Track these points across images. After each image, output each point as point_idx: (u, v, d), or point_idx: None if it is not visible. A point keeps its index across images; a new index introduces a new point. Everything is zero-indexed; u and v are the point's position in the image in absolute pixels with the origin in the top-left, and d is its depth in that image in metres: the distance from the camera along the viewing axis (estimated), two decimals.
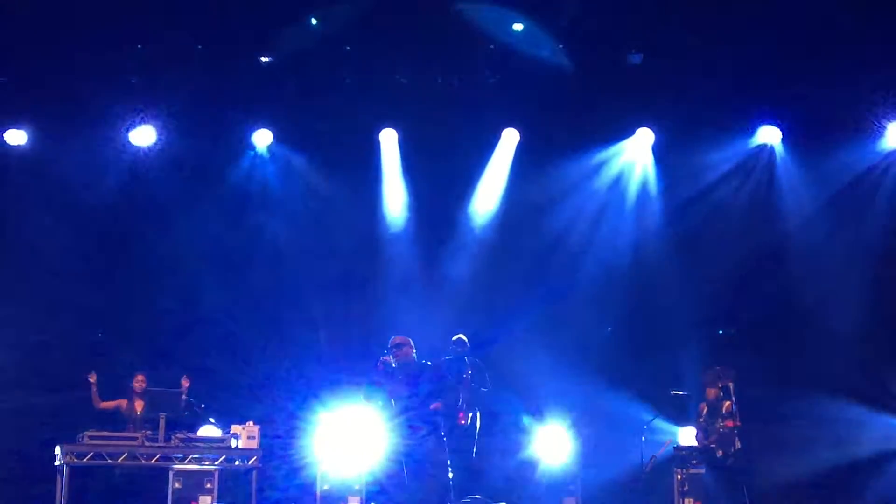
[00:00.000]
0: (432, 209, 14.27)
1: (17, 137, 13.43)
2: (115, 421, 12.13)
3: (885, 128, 13.57)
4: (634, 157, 14.17)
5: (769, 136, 13.85)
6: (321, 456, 12.80)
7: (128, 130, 13.48)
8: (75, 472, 11.28)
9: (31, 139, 13.44)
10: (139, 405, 12.20)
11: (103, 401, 12.16)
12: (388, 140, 13.99)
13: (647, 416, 12.33)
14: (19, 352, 12.96)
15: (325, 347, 13.79)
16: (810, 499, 12.98)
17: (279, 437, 12.78)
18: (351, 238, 14.11)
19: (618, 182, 14.25)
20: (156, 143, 13.59)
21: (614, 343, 13.80)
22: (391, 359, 10.37)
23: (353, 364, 13.28)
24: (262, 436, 11.95)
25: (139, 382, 12.19)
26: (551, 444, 13.35)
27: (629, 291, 14.05)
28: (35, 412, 12.66)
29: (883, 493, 12.69)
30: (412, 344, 10.60)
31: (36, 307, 13.19)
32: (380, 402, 10.46)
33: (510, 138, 13.97)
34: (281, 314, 13.95)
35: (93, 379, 12.09)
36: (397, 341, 10.51)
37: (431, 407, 10.32)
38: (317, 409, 13.12)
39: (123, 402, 12.19)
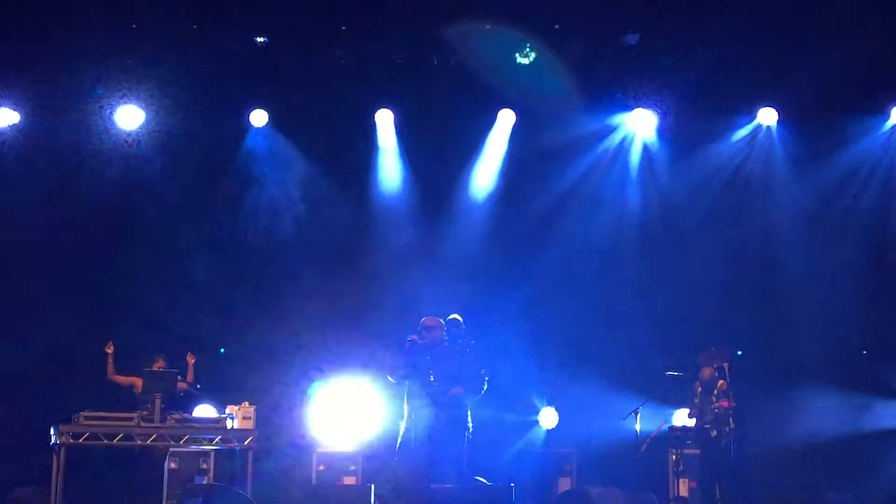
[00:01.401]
0: (428, 189, 14.26)
1: (9, 117, 13.39)
2: (113, 401, 12.16)
3: (885, 105, 13.56)
4: (632, 137, 14.13)
5: (766, 117, 13.82)
6: (318, 434, 12.91)
7: (121, 111, 13.45)
8: (72, 451, 11.31)
9: (24, 120, 13.39)
10: None
11: (118, 374, 12.18)
12: (385, 120, 13.96)
13: (634, 404, 12.31)
14: (15, 334, 12.94)
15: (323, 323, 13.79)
16: (804, 477, 13.03)
17: (276, 414, 12.79)
18: (348, 219, 14.11)
19: (614, 163, 14.22)
20: (150, 124, 13.55)
21: (611, 322, 13.79)
22: (417, 338, 10.36)
23: (351, 339, 13.39)
24: (259, 413, 11.99)
25: (159, 366, 12.20)
26: (546, 424, 13.42)
27: (625, 271, 14.06)
28: (32, 392, 12.67)
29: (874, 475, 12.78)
30: (443, 326, 10.60)
31: (33, 288, 13.25)
32: (404, 381, 10.45)
33: (506, 118, 13.93)
34: (279, 290, 13.93)
35: (109, 350, 12.12)
36: (428, 323, 10.52)
37: (451, 392, 10.32)
38: (314, 385, 13.20)
39: (138, 381, 12.17)
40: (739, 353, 12.94)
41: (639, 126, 14.01)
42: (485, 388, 10.72)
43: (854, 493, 12.52)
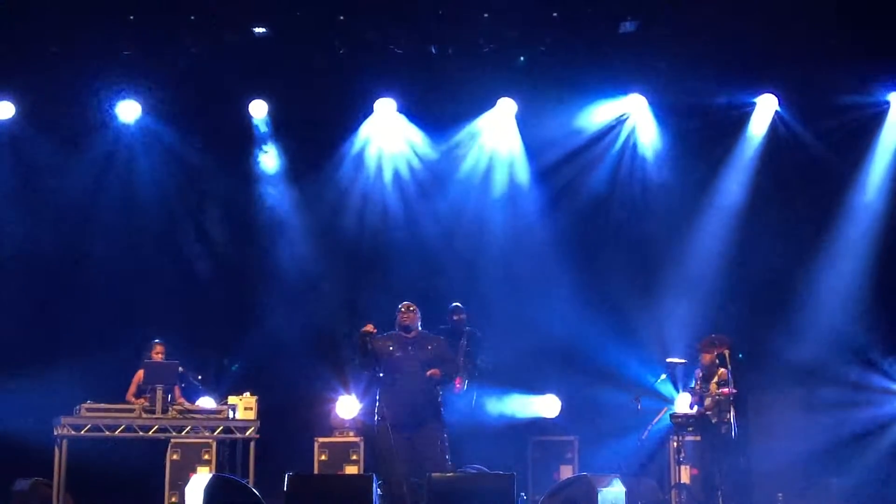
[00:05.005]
0: (428, 178, 14.26)
1: (4, 110, 13.40)
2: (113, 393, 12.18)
3: (884, 92, 13.54)
4: (630, 123, 14.12)
5: (766, 103, 13.80)
6: (320, 424, 12.96)
7: (118, 104, 13.46)
8: (74, 443, 11.34)
9: (20, 113, 13.40)
10: None
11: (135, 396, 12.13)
12: (385, 109, 13.94)
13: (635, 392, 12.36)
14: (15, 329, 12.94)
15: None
16: (806, 464, 13.06)
17: (278, 405, 12.80)
18: (352, 208, 14.14)
19: (612, 147, 14.21)
20: (147, 116, 13.57)
21: (611, 308, 13.79)
22: (372, 327, 10.38)
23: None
24: (261, 405, 12.00)
25: (158, 354, 12.17)
26: (548, 413, 13.43)
27: (624, 259, 14.07)
28: (32, 384, 12.67)
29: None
30: (418, 312, 10.66)
31: (30, 283, 13.29)
32: (370, 368, 10.52)
33: (506, 107, 13.92)
34: (289, 284, 13.94)
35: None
36: (406, 305, 10.59)
37: (428, 373, 10.36)
38: (314, 377, 13.23)
39: (141, 373, 12.14)
40: (741, 355, 12.89)
41: (636, 115, 14.00)
42: (476, 375, 10.79)
43: (856, 479, 12.55)
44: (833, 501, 12.49)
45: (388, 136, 14.17)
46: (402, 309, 10.67)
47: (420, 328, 10.70)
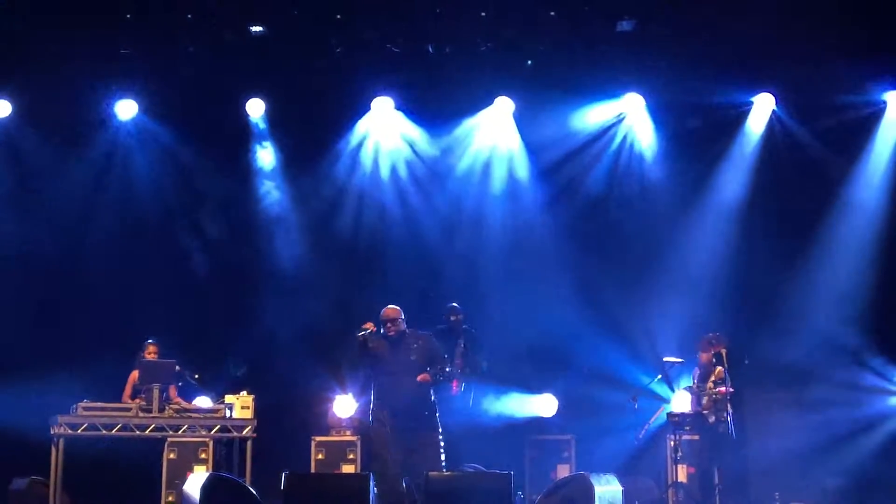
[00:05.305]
0: (426, 177, 14.26)
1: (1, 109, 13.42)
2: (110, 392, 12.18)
3: (881, 91, 13.54)
4: (627, 122, 14.12)
5: (764, 102, 13.80)
6: (316, 423, 12.95)
7: (115, 103, 13.45)
8: (70, 442, 11.34)
9: (16, 112, 13.40)
10: None
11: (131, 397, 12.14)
12: (382, 108, 13.94)
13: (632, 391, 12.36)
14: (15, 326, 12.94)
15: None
16: (803, 463, 13.05)
17: (275, 404, 12.80)
18: (349, 206, 14.16)
19: (610, 146, 14.21)
20: (143, 116, 13.57)
21: (608, 306, 13.78)
22: (371, 326, 10.33)
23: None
24: (258, 404, 12.00)
25: (150, 354, 12.17)
26: (545, 412, 13.43)
27: (622, 258, 14.06)
28: (29, 383, 12.67)
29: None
30: (401, 315, 10.58)
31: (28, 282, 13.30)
32: (367, 369, 10.52)
33: (503, 106, 13.92)
34: (286, 282, 13.94)
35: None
36: (391, 316, 10.48)
37: (419, 378, 10.31)
38: (311, 376, 13.23)
39: (135, 374, 12.15)
40: (746, 361, 12.86)
41: (633, 114, 14.00)
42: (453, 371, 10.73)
43: (852, 478, 12.56)
44: (829, 500, 12.48)
45: (385, 135, 14.18)
46: (385, 321, 10.43)
47: (406, 327, 10.58)
